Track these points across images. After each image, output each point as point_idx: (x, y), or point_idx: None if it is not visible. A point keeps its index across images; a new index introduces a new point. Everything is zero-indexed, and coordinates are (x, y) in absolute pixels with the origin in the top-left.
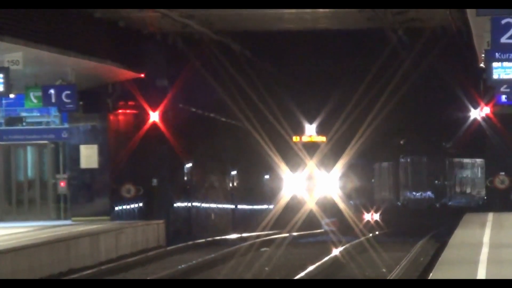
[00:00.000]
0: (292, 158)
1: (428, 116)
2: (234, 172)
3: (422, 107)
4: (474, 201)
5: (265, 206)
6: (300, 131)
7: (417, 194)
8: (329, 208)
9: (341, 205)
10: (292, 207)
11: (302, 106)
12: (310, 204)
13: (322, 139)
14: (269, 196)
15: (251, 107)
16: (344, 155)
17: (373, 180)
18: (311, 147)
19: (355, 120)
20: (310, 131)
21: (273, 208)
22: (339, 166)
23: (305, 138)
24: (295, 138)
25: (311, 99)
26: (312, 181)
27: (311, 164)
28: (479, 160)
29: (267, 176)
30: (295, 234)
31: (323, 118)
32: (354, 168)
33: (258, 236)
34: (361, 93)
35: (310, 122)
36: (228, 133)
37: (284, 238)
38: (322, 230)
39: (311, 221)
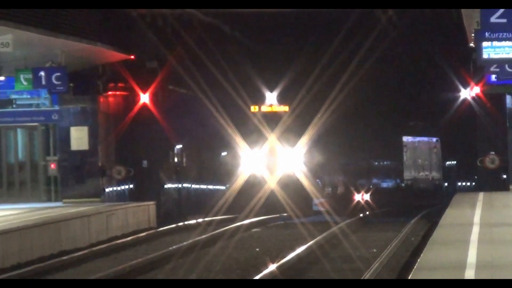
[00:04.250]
0: (249, 131)
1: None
2: (224, 153)
3: (411, 87)
4: None
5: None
6: (259, 100)
7: None
8: (293, 188)
9: (307, 184)
10: (251, 187)
11: (261, 71)
12: (271, 183)
13: (285, 109)
14: (226, 175)
15: (206, 73)
16: (311, 126)
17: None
18: (272, 118)
19: (324, 87)
20: (271, 100)
21: (228, 189)
22: (306, 140)
23: (264, 108)
24: (253, 108)
25: (273, 63)
26: (273, 158)
27: (272, 138)
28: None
29: (224, 153)
30: (284, 214)
31: (286, 84)
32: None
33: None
34: (329, 60)
35: (271, 90)
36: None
37: (276, 219)
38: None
39: (272, 204)
